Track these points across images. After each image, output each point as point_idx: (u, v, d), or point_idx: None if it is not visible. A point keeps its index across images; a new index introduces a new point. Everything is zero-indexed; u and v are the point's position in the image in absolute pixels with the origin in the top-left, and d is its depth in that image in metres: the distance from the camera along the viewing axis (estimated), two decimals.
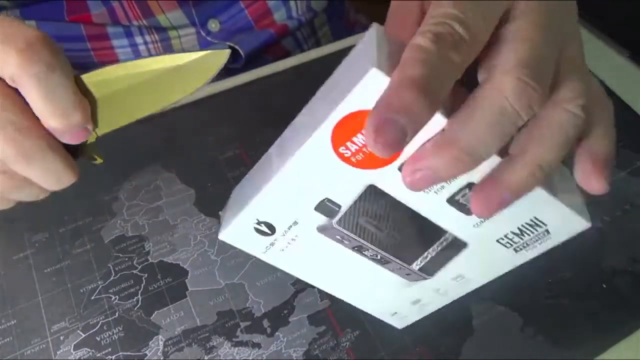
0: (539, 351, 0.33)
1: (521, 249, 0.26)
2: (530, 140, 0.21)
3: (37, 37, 0.22)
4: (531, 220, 0.24)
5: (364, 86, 0.19)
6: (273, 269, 0.36)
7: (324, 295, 0.35)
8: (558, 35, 0.22)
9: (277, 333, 0.34)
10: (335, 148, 0.21)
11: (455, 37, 0.20)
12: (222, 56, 0.24)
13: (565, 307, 0.35)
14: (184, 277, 0.36)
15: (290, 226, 0.26)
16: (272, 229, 0.26)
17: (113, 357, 0.32)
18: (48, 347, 0.32)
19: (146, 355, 0.32)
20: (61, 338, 0.33)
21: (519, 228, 0.25)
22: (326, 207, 0.25)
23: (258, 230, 0.26)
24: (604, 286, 0.36)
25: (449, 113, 0.20)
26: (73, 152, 0.25)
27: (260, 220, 0.26)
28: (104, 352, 0.32)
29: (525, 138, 0.21)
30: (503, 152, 0.22)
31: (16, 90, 0.23)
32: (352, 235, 0.26)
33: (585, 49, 0.24)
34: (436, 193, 0.23)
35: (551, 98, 0.21)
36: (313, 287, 0.35)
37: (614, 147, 0.23)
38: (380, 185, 0.23)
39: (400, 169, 0.22)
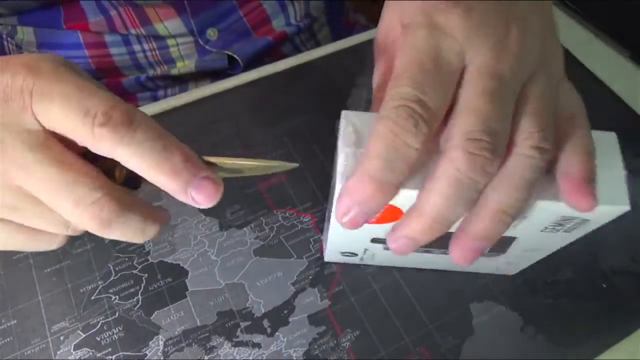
0: (539, 351, 0.33)
1: (570, 231, 0.27)
2: (490, 189, 0.22)
3: (112, 107, 0.20)
4: (562, 218, 0.25)
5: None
6: (273, 269, 0.36)
7: (324, 295, 0.35)
8: (513, 82, 0.22)
9: (277, 333, 0.34)
10: None
11: (415, 118, 0.20)
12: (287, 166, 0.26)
13: (565, 307, 0.35)
14: (184, 277, 0.35)
15: (365, 250, 0.32)
16: (354, 254, 0.34)
17: (113, 357, 0.32)
18: (48, 347, 0.32)
19: (146, 355, 0.32)
20: (61, 338, 0.33)
21: (556, 222, 0.25)
22: (378, 240, 0.30)
23: (345, 255, 0.34)
24: (604, 286, 0.36)
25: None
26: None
27: (342, 252, 0.33)
28: (104, 352, 0.32)
29: (487, 187, 0.22)
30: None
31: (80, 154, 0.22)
32: None
33: (586, 49, 0.24)
34: None
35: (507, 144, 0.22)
36: (313, 287, 0.35)
37: (590, 159, 0.23)
38: None
39: None
